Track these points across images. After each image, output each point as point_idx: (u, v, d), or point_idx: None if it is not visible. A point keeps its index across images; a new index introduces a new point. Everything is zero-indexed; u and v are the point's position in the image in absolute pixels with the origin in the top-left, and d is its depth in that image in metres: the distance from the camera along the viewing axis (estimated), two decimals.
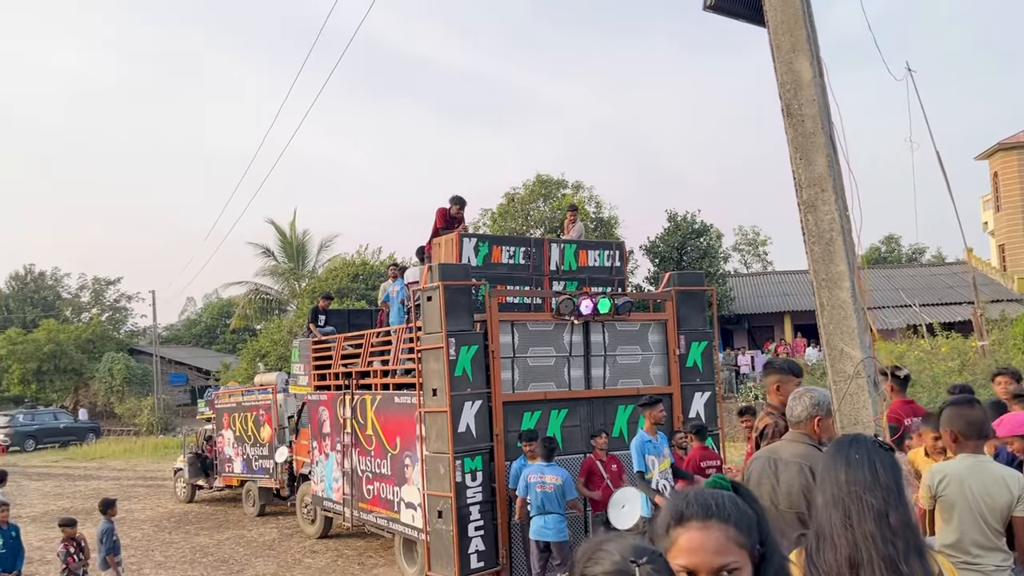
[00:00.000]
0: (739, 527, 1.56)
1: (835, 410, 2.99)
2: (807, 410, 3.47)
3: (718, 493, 1.61)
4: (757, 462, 3.43)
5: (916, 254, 51.19)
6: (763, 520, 1.61)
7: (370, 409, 10.29)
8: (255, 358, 34.01)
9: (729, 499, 1.60)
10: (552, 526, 7.58)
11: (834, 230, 2.94)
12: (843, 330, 2.92)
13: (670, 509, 1.62)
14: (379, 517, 10.18)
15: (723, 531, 1.55)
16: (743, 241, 52.26)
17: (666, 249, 32.66)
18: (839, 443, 2.08)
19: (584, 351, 9.30)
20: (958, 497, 3.34)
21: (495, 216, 33.32)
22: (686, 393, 9.74)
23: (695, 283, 10.27)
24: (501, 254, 10.08)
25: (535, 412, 8.81)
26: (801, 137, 2.98)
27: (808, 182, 2.98)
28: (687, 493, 1.63)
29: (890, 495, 1.92)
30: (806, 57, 2.99)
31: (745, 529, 1.56)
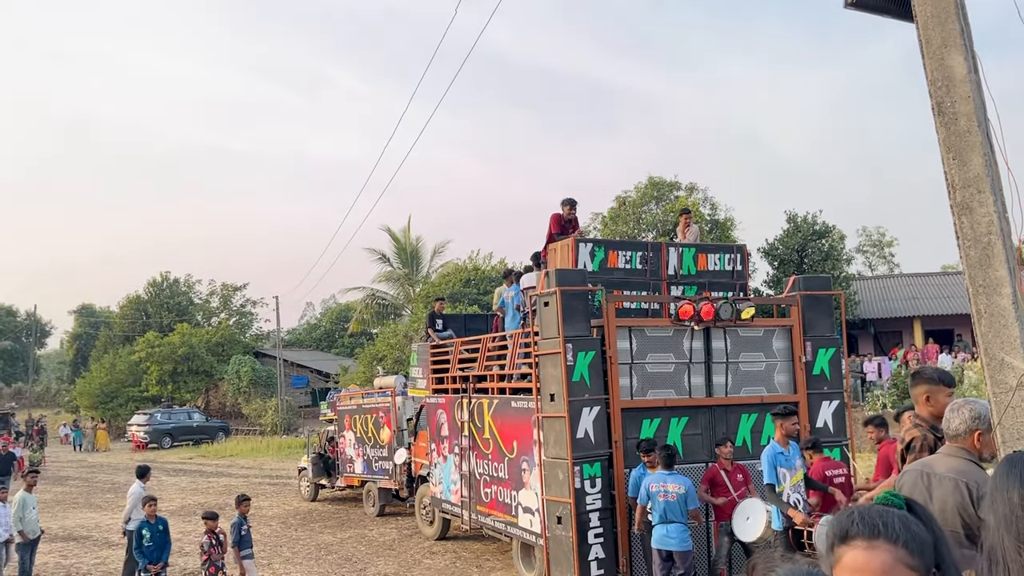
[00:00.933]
0: (909, 548, 1.48)
1: (995, 424, 2.81)
2: (966, 423, 3.27)
3: (887, 511, 1.53)
4: (908, 476, 3.25)
5: None
6: (941, 542, 1.52)
7: (487, 413, 10.41)
8: (372, 361, 35.04)
9: (900, 517, 1.52)
10: (675, 535, 7.45)
11: (992, 233, 2.77)
12: (1003, 339, 2.74)
13: (835, 526, 1.56)
14: (497, 521, 10.28)
15: (891, 552, 1.47)
16: (867, 242, 49.96)
17: (785, 251, 31.61)
18: (1011, 460, 1.95)
19: (705, 357, 9.11)
20: None
21: (606, 220, 33.14)
22: (813, 402, 9.39)
23: (821, 287, 9.90)
24: (618, 259, 10.01)
25: (654, 419, 8.70)
26: (954, 136, 2.82)
27: (963, 183, 2.82)
28: (853, 510, 1.56)
29: None
30: (959, 52, 2.83)
31: (916, 551, 1.48)
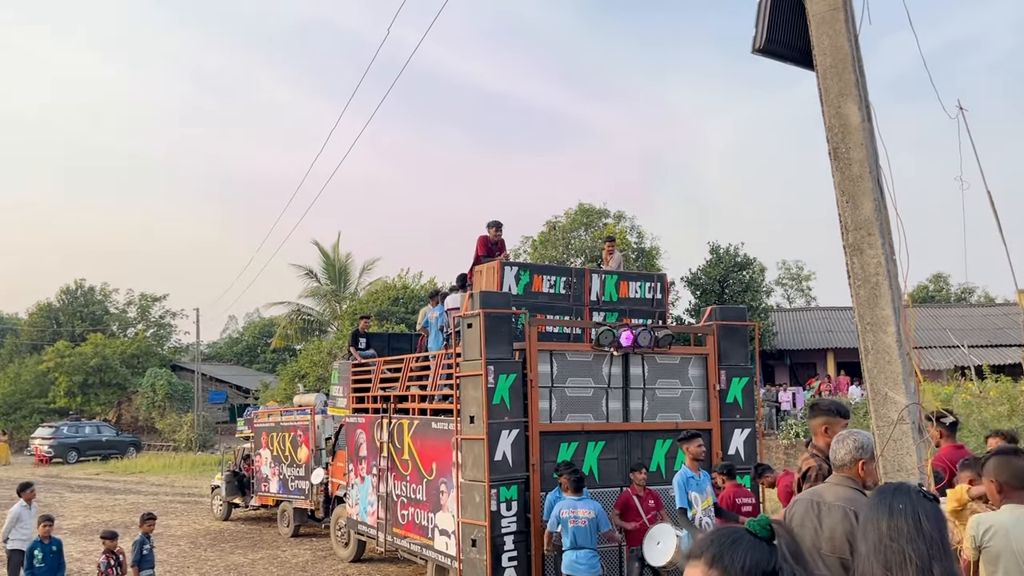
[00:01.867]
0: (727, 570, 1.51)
1: (878, 455, 2.96)
2: (851, 453, 3.43)
3: (720, 533, 1.57)
4: (800, 504, 3.39)
5: (965, 294, 50.06)
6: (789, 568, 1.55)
7: (407, 434, 10.35)
8: (294, 378, 34.41)
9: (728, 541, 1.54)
10: (584, 561, 7.52)
11: (880, 274, 2.93)
12: (888, 375, 2.90)
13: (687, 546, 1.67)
14: (413, 543, 10.19)
15: (703, 572, 1.52)
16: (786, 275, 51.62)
17: (708, 281, 32.42)
18: (882, 491, 2.07)
19: (623, 383, 9.27)
20: (1004, 549, 3.27)
21: (536, 244, 33.45)
22: (726, 429, 9.63)
23: (737, 317, 10.19)
24: (542, 283, 10.12)
25: (572, 443, 8.79)
26: (848, 181, 2.98)
27: (854, 225, 2.98)
28: (705, 532, 1.63)
29: (933, 547, 1.90)
30: (854, 101, 3.00)
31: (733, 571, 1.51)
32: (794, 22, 3.28)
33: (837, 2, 3.05)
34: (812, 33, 3.11)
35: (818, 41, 3.09)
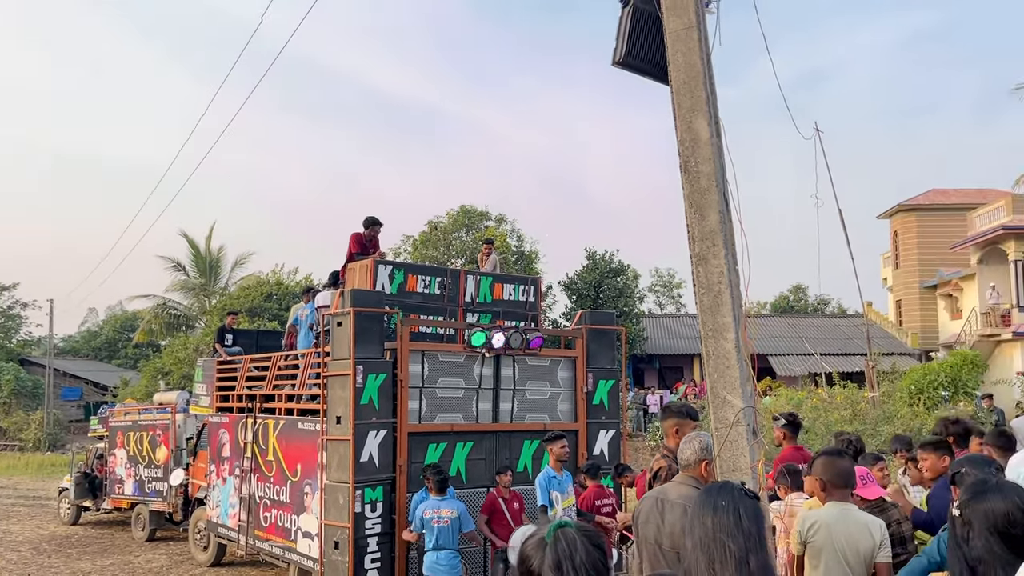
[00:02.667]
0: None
1: (716, 456, 3.12)
2: (696, 454, 3.60)
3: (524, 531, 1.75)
4: (646, 502, 3.52)
5: (821, 305, 53.32)
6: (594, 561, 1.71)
7: (272, 434, 10.06)
8: (157, 375, 32.82)
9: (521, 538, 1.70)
10: (445, 562, 7.53)
11: (722, 283, 3.09)
12: (726, 379, 3.05)
13: None
14: (275, 546, 9.92)
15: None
16: (659, 283, 53.50)
17: (584, 286, 33.15)
18: (708, 490, 2.18)
19: (494, 384, 9.35)
20: (825, 543, 3.51)
21: (416, 243, 33.27)
22: (591, 430, 9.87)
23: (606, 322, 10.47)
24: (416, 283, 10.07)
25: (440, 444, 8.79)
26: (696, 193, 3.13)
27: (700, 236, 3.13)
28: None
29: (751, 540, 2.02)
30: (704, 118, 3.15)
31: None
32: (652, 38, 3.42)
33: (691, 21, 3.20)
34: (668, 50, 3.24)
35: (673, 58, 3.23)
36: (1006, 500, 2.20)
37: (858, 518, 3.58)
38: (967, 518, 2.20)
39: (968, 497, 2.24)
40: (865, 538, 3.50)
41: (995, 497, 2.20)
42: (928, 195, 37.51)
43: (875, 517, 3.64)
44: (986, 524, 2.16)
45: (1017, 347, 27.31)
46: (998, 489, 2.25)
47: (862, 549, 3.49)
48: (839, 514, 3.57)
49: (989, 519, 2.17)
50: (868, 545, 3.49)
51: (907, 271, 37.01)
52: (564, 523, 1.81)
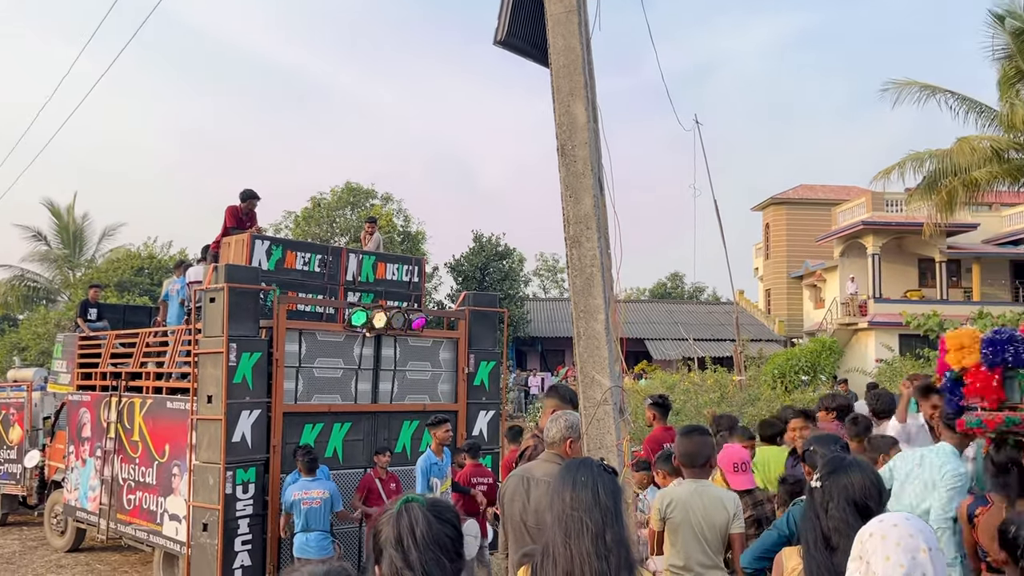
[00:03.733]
0: None
1: (583, 433, 3.19)
2: (561, 432, 3.68)
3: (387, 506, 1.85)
4: (512, 480, 3.58)
5: (697, 292, 55.47)
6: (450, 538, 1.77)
7: (139, 414, 9.61)
8: (12, 351, 30.76)
9: None
10: (315, 544, 7.43)
11: (595, 266, 3.15)
12: (596, 359, 3.13)
13: None
14: (139, 529, 9.50)
15: None
16: (544, 267, 54.30)
17: (470, 268, 33.26)
18: (568, 466, 2.23)
19: (374, 365, 9.25)
20: (682, 520, 3.68)
21: (299, 220, 32.45)
22: (471, 411, 9.92)
23: (489, 304, 10.52)
24: (296, 260, 9.82)
25: (317, 424, 8.63)
26: (572, 177, 3.18)
27: (575, 219, 3.18)
28: None
29: (608, 515, 2.08)
30: (582, 102, 3.20)
31: None
32: (534, 19, 3.44)
33: (572, 5, 3.23)
34: (548, 33, 3.27)
35: (553, 41, 3.26)
36: (863, 474, 2.39)
37: (712, 493, 3.76)
38: (827, 490, 2.36)
39: (829, 471, 2.41)
40: (719, 511, 3.69)
41: (854, 471, 2.39)
42: (797, 190, 39.56)
43: (730, 492, 3.83)
44: (845, 496, 2.33)
45: (872, 335, 29.26)
46: (855, 464, 2.45)
47: (717, 522, 3.67)
48: (695, 490, 3.74)
49: (848, 491, 2.34)
50: (722, 518, 3.68)
51: (776, 262, 38.98)
52: (411, 498, 1.81)
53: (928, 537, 1.80)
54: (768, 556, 3.01)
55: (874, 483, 2.37)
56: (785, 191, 39.29)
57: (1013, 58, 17.88)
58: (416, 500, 1.81)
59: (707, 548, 3.65)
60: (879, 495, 2.35)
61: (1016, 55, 17.73)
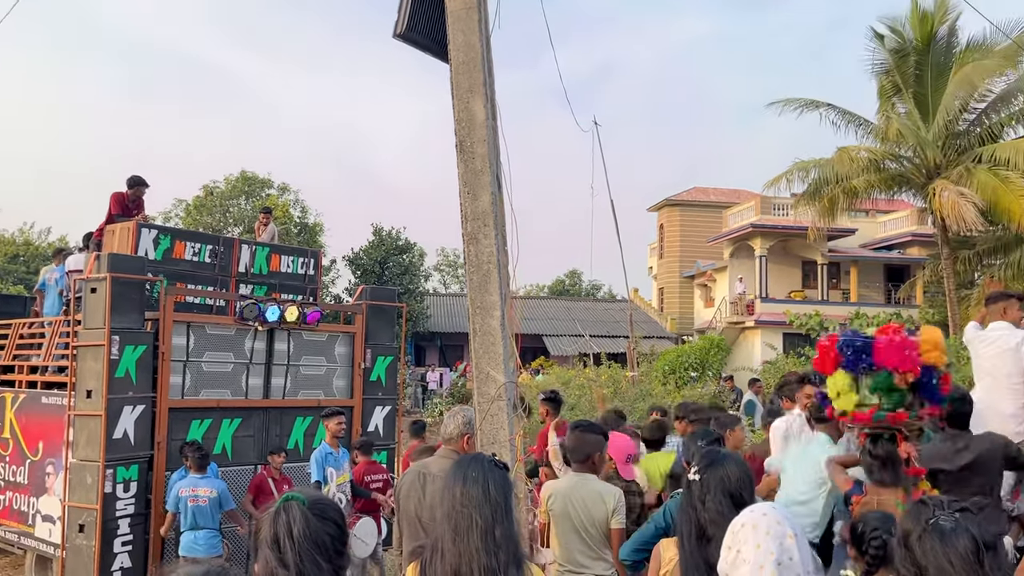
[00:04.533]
0: None
1: (477, 429, 3.22)
2: (459, 428, 3.70)
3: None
4: (408, 476, 3.57)
5: (594, 289, 56.53)
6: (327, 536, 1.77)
7: (9, 409, 9.07)
8: None
9: None
10: (203, 542, 7.20)
11: (491, 263, 3.18)
12: (491, 355, 3.16)
13: None
14: (8, 531, 8.97)
15: None
16: (444, 262, 54.15)
17: (369, 262, 32.83)
18: (459, 462, 2.25)
19: (266, 359, 9.02)
20: (562, 511, 3.76)
21: (190, 208, 31.27)
22: (367, 407, 9.82)
23: (387, 298, 10.42)
24: (185, 250, 9.47)
25: (205, 420, 8.35)
26: (470, 173, 3.20)
27: (473, 216, 3.20)
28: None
29: (498, 511, 2.10)
30: (481, 99, 3.22)
31: None
32: (435, 14, 3.43)
33: (472, 2, 3.25)
34: (448, 29, 3.27)
35: (453, 37, 3.26)
36: (738, 467, 2.50)
37: (593, 487, 3.85)
38: (705, 483, 2.46)
39: (706, 464, 2.51)
40: (599, 506, 3.78)
41: (730, 464, 2.50)
42: (691, 192, 40.87)
43: (613, 487, 3.93)
44: (721, 488, 2.43)
45: (758, 333, 30.53)
46: (730, 457, 2.56)
47: (596, 516, 3.77)
48: (577, 484, 3.84)
49: (725, 483, 2.44)
50: (602, 512, 3.77)
51: (670, 261, 40.17)
52: (291, 496, 1.79)
53: (794, 524, 1.91)
54: (646, 548, 3.11)
55: (747, 474, 2.49)
56: (679, 193, 40.51)
57: (891, 73, 18.98)
58: (296, 498, 1.79)
59: (589, 541, 3.74)
60: (751, 486, 2.47)
61: (894, 70, 18.83)
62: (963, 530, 1.81)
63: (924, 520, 1.86)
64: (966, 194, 16.21)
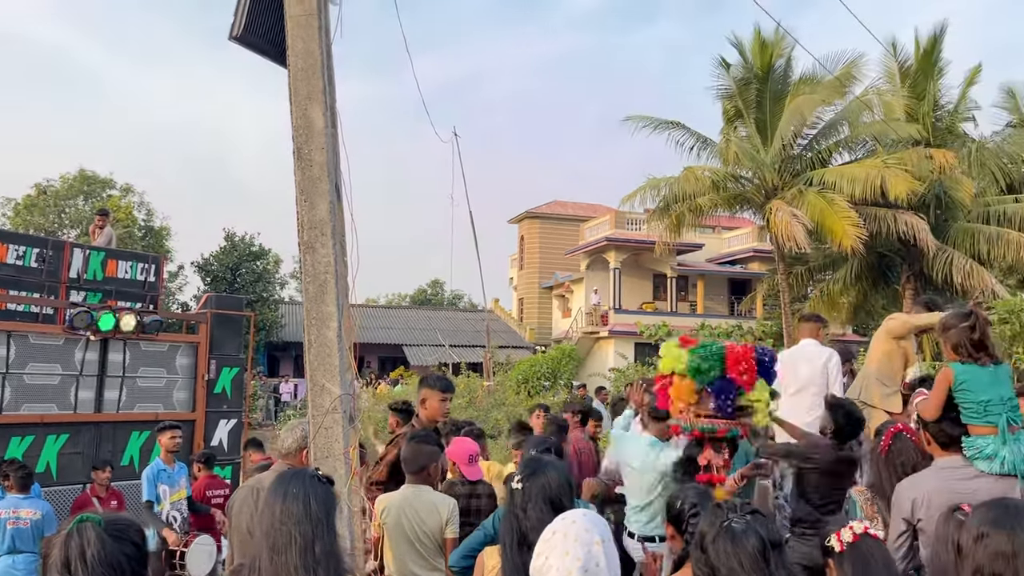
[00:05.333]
0: None
1: (311, 442, 3.16)
2: (297, 442, 3.61)
3: None
4: (242, 491, 3.45)
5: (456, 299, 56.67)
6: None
7: None
8: None
9: None
10: (22, 567, 6.64)
11: (328, 272, 3.13)
12: (327, 367, 3.11)
13: None
14: None
15: None
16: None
17: (220, 268, 31.52)
18: (281, 478, 2.19)
19: (99, 371, 8.48)
20: (395, 524, 3.76)
21: (19, 208, 28.98)
22: (211, 420, 9.42)
23: (234, 307, 10.05)
24: (7, 253, 8.77)
25: (26, 437, 7.76)
26: (308, 181, 3.14)
27: (310, 224, 3.14)
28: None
29: (319, 527, 2.06)
30: (320, 107, 3.17)
31: None
32: (274, 18, 3.36)
33: (312, 9, 3.20)
34: (287, 34, 3.21)
35: (292, 43, 3.20)
36: (558, 473, 2.55)
37: (427, 498, 3.87)
38: (527, 491, 2.49)
39: (529, 472, 2.55)
40: (433, 516, 3.80)
41: (551, 471, 2.55)
42: (551, 205, 41.78)
43: (447, 497, 3.96)
44: (543, 495, 2.47)
45: (612, 343, 31.53)
46: (552, 464, 2.61)
47: (431, 527, 3.78)
48: (410, 495, 3.85)
49: (546, 491, 2.49)
50: (436, 522, 3.80)
51: (530, 272, 40.86)
52: (85, 517, 1.69)
53: (603, 531, 1.98)
54: (474, 555, 3.14)
55: (568, 481, 2.55)
56: (539, 206, 41.32)
57: (734, 98, 20.15)
58: (91, 519, 1.69)
59: (423, 552, 3.75)
60: (571, 492, 2.53)
61: (736, 96, 20.00)
62: (752, 531, 1.94)
63: (719, 523, 1.98)
64: (798, 215, 17.40)
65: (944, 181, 17.59)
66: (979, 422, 3.05)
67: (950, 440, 3.13)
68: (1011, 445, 2.98)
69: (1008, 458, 2.96)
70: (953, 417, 3.14)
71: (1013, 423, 3.01)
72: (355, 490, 3.11)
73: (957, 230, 18.12)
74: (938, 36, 19.04)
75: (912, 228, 16.96)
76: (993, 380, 3.09)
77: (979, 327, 3.14)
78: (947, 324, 3.25)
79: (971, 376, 3.10)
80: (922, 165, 16.86)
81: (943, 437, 3.16)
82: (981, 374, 3.10)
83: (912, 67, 19.35)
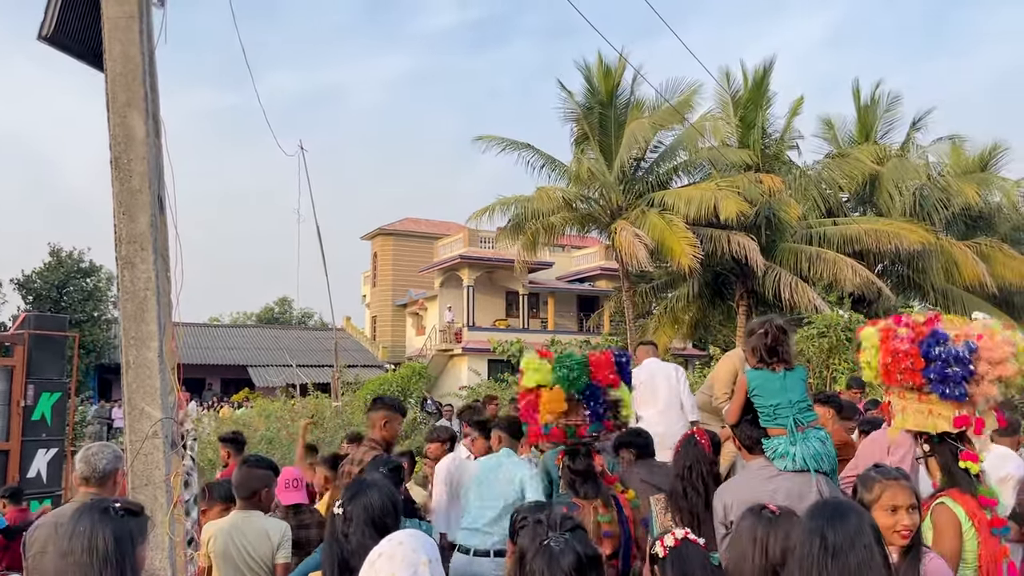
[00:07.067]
0: None
1: (128, 469, 2.97)
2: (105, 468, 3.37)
3: None
4: (43, 529, 3.18)
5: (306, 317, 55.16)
6: None
7: None
8: None
9: None
10: None
11: (149, 289, 2.96)
12: (146, 390, 2.93)
13: None
14: None
15: None
16: None
17: (44, 286, 29.22)
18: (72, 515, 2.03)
19: None
20: (223, 552, 3.61)
21: None
22: (28, 449, 8.69)
23: (55, 327, 9.33)
24: None
25: None
26: (126, 193, 2.96)
27: (128, 238, 2.96)
28: None
29: (107, 567, 1.92)
30: (141, 115, 3.00)
31: None
32: (91, 18, 3.15)
33: (133, 11, 3.03)
34: (105, 37, 3.02)
35: (110, 47, 3.02)
36: (381, 494, 2.45)
37: (257, 524, 3.74)
38: (348, 515, 2.39)
39: (350, 496, 2.44)
40: (263, 543, 3.68)
41: (372, 492, 2.44)
42: (404, 222, 41.57)
43: (279, 521, 3.84)
44: (365, 517, 2.38)
45: (465, 360, 31.65)
46: (372, 485, 2.51)
47: (261, 553, 3.66)
48: (239, 522, 3.71)
49: (368, 512, 2.39)
50: (266, 549, 3.68)
51: (383, 290, 40.42)
52: None
53: (429, 550, 1.96)
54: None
55: (392, 501, 2.48)
56: (393, 223, 41.00)
57: (580, 121, 20.84)
58: None
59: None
60: (396, 512, 2.47)
61: (582, 119, 20.70)
62: (570, 550, 1.97)
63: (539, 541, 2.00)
64: (640, 235, 18.17)
65: (773, 204, 18.89)
66: (772, 424, 3.33)
67: (753, 443, 3.39)
68: (801, 443, 3.25)
69: (799, 454, 3.23)
70: (751, 420, 3.41)
71: (800, 424, 3.29)
72: (178, 519, 2.93)
73: (784, 250, 19.48)
74: (767, 69, 20.50)
75: (744, 248, 18.09)
76: (783, 385, 3.36)
77: (772, 334, 3.41)
78: (749, 330, 3.55)
79: (762, 382, 3.38)
80: (752, 189, 18.04)
81: (746, 440, 3.42)
82: (772, 379, 3.37)
83: (743, 97, 20.71)
